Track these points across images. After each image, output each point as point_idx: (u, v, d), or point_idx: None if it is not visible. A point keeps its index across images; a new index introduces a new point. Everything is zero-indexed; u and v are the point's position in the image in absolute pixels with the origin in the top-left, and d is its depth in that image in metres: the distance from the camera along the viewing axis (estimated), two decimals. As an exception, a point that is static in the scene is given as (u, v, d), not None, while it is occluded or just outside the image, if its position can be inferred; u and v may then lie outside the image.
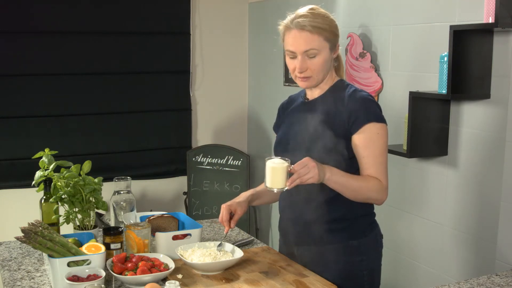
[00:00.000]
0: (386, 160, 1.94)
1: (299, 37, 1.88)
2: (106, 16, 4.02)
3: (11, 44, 3.80)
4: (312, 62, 1.90)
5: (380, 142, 1.91)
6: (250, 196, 2.08)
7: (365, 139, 1.89)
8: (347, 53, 3.24)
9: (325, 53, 1.90)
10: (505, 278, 2.05)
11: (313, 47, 1.88)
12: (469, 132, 2.56)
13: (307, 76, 1.92)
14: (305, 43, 1.88)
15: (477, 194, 2.54)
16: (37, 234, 1.82)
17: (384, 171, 1.92)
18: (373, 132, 1.89)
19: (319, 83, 1.97)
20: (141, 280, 1.79)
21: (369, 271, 2.00)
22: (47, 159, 2.18)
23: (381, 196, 1.92)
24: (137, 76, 4.17)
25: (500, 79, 2.39)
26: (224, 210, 2.01)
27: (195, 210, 4.26)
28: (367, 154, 1.90)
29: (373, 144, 1.89)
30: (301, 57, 1.89)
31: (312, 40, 1.87)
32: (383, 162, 1.92)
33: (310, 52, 1.88)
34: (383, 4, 3.03)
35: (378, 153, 1.90)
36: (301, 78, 1.93)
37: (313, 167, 1.77)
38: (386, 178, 1.93)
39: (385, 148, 1.93)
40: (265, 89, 4.33)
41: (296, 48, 1.89)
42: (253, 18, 4.45)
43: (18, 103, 3.86)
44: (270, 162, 1.80)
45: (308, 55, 1.89)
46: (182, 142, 4.38)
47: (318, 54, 1.89)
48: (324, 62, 1.91)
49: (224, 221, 2.01)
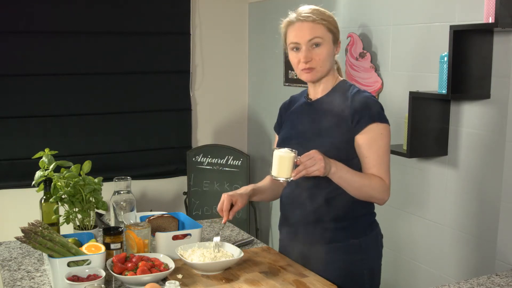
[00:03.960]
0: (388, 160, 1.95)
1: (302, 27, 1.91)
2: (106, 16, 4.02)
3: (11, 44, 3.80)
4: (316, 52, 1.92)
5: (383, 142, 1.92)
6: (251, 191, 2.07)
7: (368, 139, 1.90)
8: (347, 53, 3.24)
9: (328, 44, 1.93)
10: (505, 278, 2.05)
11: (317, 35, 1.91)
12: (469, 132, 2.56)
13: (312, 67, 1.93)
14: (309, 32, 1.91)
15: (477, 194, 2.54)
16: (37, 234, 1.82)
17: (387, 170, 1.94)
18: (377, 132, 1.91)
19: (322, 77, 1.97)
20: (141, 280, 1.79)
21: (369, 270, 2.00)
22: (47, 159, 2.18)
23: (384, 196, 1.93)
24: (137, 76, 4.17)
25: (500, 79, 2.39)
26: (225, 199, 1.98)
27: (195, 210, 4.26)
28: (370, 154, 1.91)
29: (376, 144, 1.91)
30: (305, 47, 1.91)
31: (316, 29, 1.91)
32: (386, 162, 1.93)
33: (315, 41, 1.91)
34: (383, 4, 3.03)
35: (381, 153, 1.92)
36: (305, 70, 1.94)
37: (319, 159, 1.78)
38: (389, 178, 1.94)
39: (388, 148, 1.95)
40: (265, 89, 4.33)
41: (301, 38, 1.91)
42: (253, 18, 4.45)
43: (18, 103, 3.86)
44: (277, 151, 1.82)
45: (312, 44, 1.91)
46: (182, 142, 4.38)
47: (322, 44, 1.92)
48: (328, 53, 1.93)
49: (224, 211, 1.97)
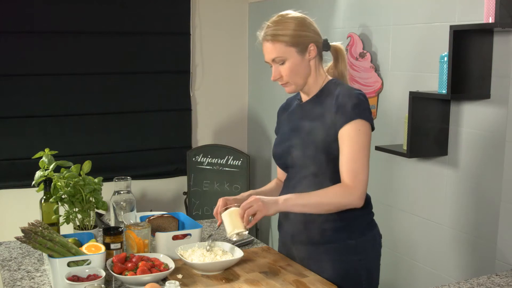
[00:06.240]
0: (364, 157, 1.89)
1: (266, 48, 1.98)
2: (106, 16, 4.02)
3: (11, 44, 3.80)
4: (283, 69, 1.96)
5: (360, 139, 1.88)
6: (248, 196, 2.07)
7: (346, 135, 1.88)
8: (347, 53, 3.24)
9: (292, 57, 1.95)
10: (505, 278, 2.05)
11: (277, 55, 1.95)
12: (469, 132, 2.56)
13: (285, 83, 2.00)
14: (269, 53, 1.96)
15: (477, 194, 2.54)
16: (37, 234, 1.82)
17: (359, 168, 1.87)
18: (354, 129, 1.88)
19: (302, 87, 2.01)
20: (141, 280, 1.79)
21: (367, 271, 2.00)
22: (47, 159, 2.18)
23: (349, 199, 1.87)
24: (137, 76, 4.17)
25: (500, 79, 2.39)
26: (220, 202, 2.02)
27: (195, 210, 4.26)
28: (345, 150, 1.88)
29: (351, 140, 1.88)
30: (273, 66, 1.98)
31: (274, 49, 1.95)
32: (360, 159, 1.87)
33: (277, 60, 1.96)
34: (383, 4, 3.03)
35: (356, 149, 1.87)
36: (282, 85, 2.01)
37: (255, 200, 1.86)
38: (361, 177, 1.87)
39: (365, 146, 1.89)
40: (265, 89, 4.33)
41: (267, 58, 1.99)
42: (253, 18, 4.45)
43: (18, 103, 3.86)
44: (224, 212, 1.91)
45: (277, 62, 1.96)
46: (182, 142, 4.38)
47: (286, 60, 1.95)
48: (294, 66, 1.95)
49: (218, 214, 2.00)
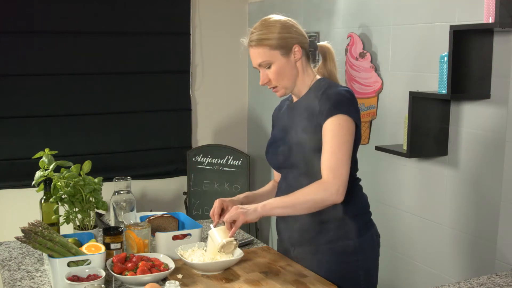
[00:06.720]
0: (344, 152, 1.86)
1: (252, 53, 1.98)
2: (106, 16, 4.02)
3: (11, 44, 3.80)
4: (270, 72, 1.97)
5: (340, 133, 1.86)
6: (244, 198, 2.11)
7: (328, 130, 1.87)
8: (347, 53, 3.24)
9: (278, 60, 1.95)
10: (505, 278, 2.05)
11: (263, 59, 1.95)
12: (469, 132, 2.56)
13: (273, 87, 2.00)
14: (255, 58, 1.97)
15: (477, 194, 2.54)
16: (37, 234, 1.82)
17: (338, 164, 1.85)
18: (335, 123, 1.86)
19: (291, 89, 2.02)
20: (141, 280, 1.79)
21: (365, 271, 2.00)
22: (47, 159, 2.18)
23: (323, 195, 1.84)
24: (137, 76, 4.17)
25: (500, 79, 2.39)
26: (216, 203, 2.03)
27: (195, 210, 4.26)
28: (325, 145, 1.88)
29: (331, 134, 1.87)
30: (261, 71, 1.99)
31: (259, 54, 1.96)
32: (339, 153, 1.85)
33: (263, 64, 1.97)
34: (383, 4, 3.03)
35: (336, 143, 1.86)
36: (272, 90, 2.02)
37: (235, 208, 1.89)
38: (338, 172, 1.84)
39: (345, 141, 1.86)
40: (265, 89, 4.30)
41: (253, 63, 2.00)
42: (253, 18, 4.45)
43: (18, 103, 3.85)
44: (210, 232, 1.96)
45: (264, 67, 1.97)
46: (182, 142, 4.38)
47: (272, 64, 1.95)
48: (280, 69, 1.96)
49: (214, 214, 2.01)
